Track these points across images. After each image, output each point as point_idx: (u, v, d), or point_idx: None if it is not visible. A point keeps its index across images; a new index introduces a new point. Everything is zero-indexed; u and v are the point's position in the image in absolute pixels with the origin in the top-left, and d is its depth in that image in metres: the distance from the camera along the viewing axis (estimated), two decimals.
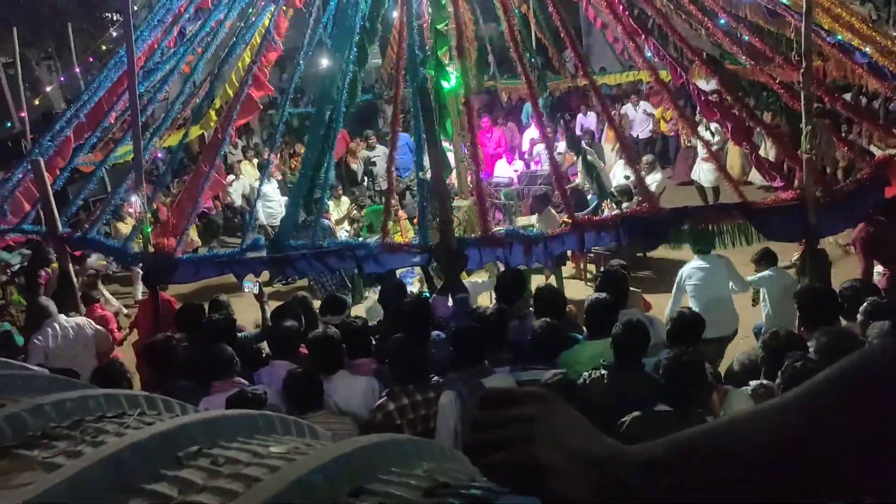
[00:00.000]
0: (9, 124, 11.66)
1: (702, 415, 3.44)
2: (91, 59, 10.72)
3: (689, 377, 3.39)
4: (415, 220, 8.18)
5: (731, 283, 5.87)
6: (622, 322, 3.87)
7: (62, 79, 14.29)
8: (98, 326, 5.85)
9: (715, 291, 5.77)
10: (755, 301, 6.14)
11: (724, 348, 5.69)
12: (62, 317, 5.65)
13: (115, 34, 11.90)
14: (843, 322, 4.43)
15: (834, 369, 0.74)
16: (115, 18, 17.90)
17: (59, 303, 5.87)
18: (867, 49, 6.86)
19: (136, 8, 11.67)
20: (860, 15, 9.34)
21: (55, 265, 6.82)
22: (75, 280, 6.56)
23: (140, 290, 9.46)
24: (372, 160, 12.59)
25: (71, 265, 6.48)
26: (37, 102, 11.84)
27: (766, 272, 5.88)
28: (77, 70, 10.30)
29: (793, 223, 5.53)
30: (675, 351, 3.56)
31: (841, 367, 0.74)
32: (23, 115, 9.09)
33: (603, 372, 3.72)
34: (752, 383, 3.69)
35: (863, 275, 5.99)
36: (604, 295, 4.49)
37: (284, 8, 7.55)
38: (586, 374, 3.78)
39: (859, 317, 4.19)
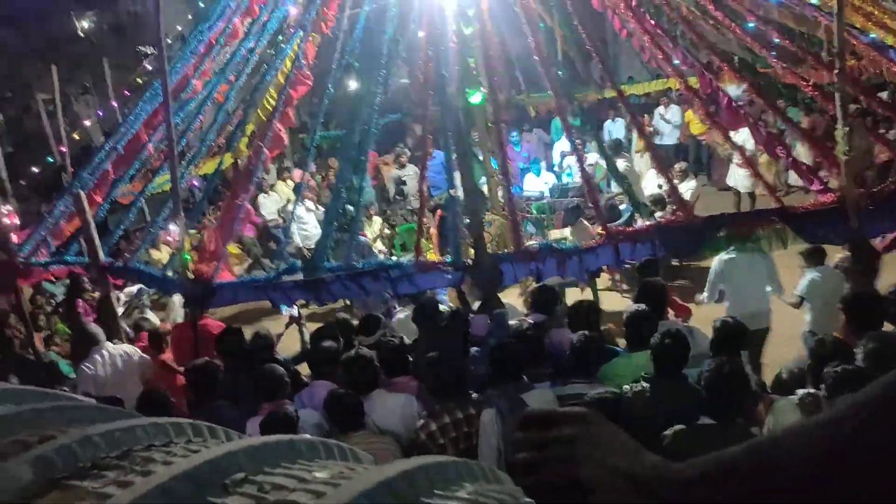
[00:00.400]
0: (50, 159, 12.03)
1: (746, 426, 3.37)
2: (127, 93, 11.01)
3: (731, 387, 3.32)
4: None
5: (768, 282, 5.69)
6: (661, 332, 3.82)
7: (100, 113, 14.70)
8: (144, 355, 5.95)
9: (747, 280, 5.60)
10: (798, 305, 5.95)
11: (760, 343, 5.53)
12: (109, 344, 5.75)
13: (149, 67, 12.22)
14: (891, 327, 4.31)
15: (882, 380, 0.73)
16: (149, 52, 18.39)
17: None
18: None
19: (169, 41, 11.97)
20: (892, 12, 9.16)
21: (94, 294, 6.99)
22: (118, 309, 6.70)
23: (173, 315, 9.61)
24: (403, 179, 12.66)
25: (112, 293, 6.64)
26: (76, 137, 12.19)
27: (809, 276, 5.70)
28: (114, 104, 10.59)
29: (834, 226, 5.41)
30: (716, 361, 3.50)
31: (890, 378, 0.73)
32: (63, 149, 9.36)
33: (644, 385, 3.67)
34: (800, 392, 3.61)
35: None
36: (642, 306, 4.44)
37: (313, 34, 7.67)
38: (627, 387, 3.73)
39: None
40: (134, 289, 8.06)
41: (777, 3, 7.10)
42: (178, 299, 7.47)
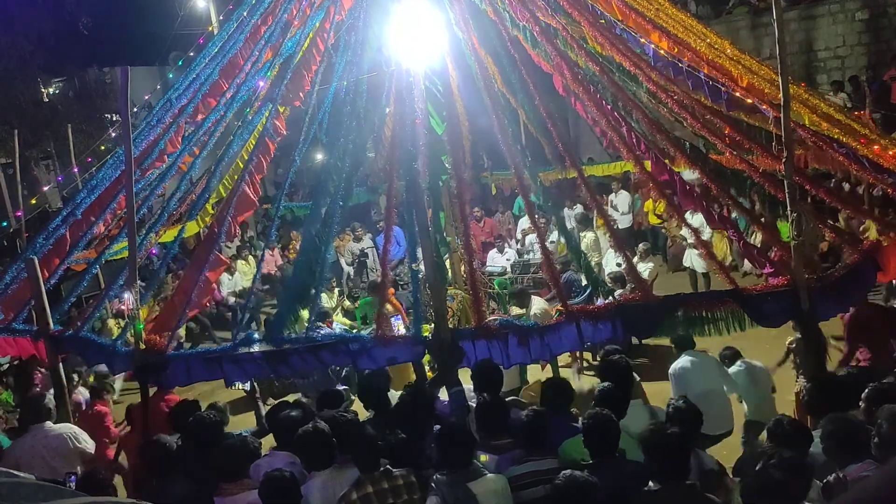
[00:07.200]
0: (4, 224, 11.77)
1: (694, 485, 3.47)
2: (89, 160, 10.91)
3: (673, 448, 3.46)
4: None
5: (723, 383, 5.88)
6: (587, 414, 3.90)
7: (60, 178, 14.53)
8: (84, 435, 5.71)
9: (707, 386, 5.74)
10: None
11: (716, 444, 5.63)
12: (48, 423, 5.55)
13: (114, 134, 12.19)
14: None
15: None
16: (114, 119, 18.39)
17: None
18: (846, 139, 7.06)
19: (135, 109, 12.01)
20: (836, 105, 9.69)
21: None
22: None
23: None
24: (364, 251, 12.69)
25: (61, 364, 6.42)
26: (33, 202, 11.98)
27: (735, 367, 5.97)
28: (75, 170, 10.47)
29: (786, 309, 5.54)
30: (654, 425, 3.59)
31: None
32: (19, 214, 9.18)
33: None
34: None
35: (844, 359, 6.02)
36: (610, 384, 4.49)
37: (282, 107, 7.75)
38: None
39: (861, 403, 4.15)
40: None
41: (725, 98, 7.41)
42: None
